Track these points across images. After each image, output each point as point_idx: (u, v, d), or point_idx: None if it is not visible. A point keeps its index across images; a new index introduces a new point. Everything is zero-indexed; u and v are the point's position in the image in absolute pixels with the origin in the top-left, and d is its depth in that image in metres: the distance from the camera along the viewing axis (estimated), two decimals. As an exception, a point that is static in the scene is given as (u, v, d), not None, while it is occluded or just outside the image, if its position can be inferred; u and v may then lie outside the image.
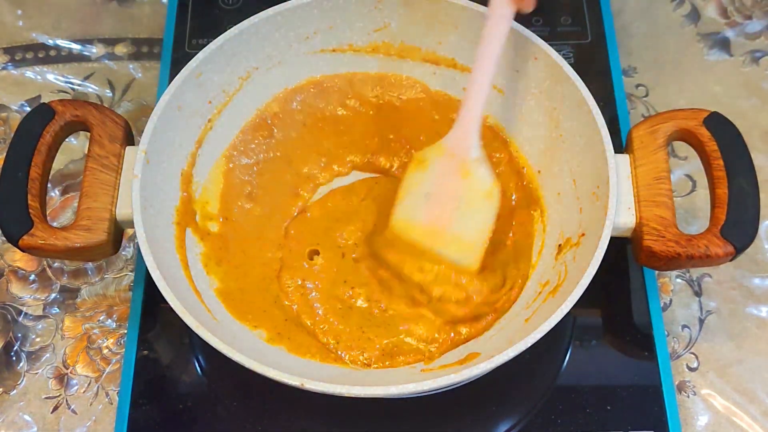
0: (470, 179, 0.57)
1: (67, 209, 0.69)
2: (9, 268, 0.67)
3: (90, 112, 0.58)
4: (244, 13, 0.62)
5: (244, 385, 0.59)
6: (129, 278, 0.65)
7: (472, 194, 0.58)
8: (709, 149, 0.55)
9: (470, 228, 0.58)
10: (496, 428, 0.58)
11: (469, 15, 0.61)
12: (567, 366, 0.60)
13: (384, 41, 0.65)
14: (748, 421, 0.60)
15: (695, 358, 0.62)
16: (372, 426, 0.58)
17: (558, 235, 0.59)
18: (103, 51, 0.77)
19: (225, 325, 0.56)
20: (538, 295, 0.57)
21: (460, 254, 0.58)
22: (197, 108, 0.61)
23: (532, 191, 0.63)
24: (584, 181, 0.58)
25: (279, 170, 0.65)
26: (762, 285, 0.65)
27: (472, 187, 0.57)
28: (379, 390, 0.49)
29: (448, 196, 0.58)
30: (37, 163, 0.55)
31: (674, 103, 0.73)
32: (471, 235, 0.58)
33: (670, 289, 0.65)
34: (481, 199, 0.58)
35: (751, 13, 0.78)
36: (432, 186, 0.58)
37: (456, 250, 0.57)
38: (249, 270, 0.61)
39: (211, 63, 0.60)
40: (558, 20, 0.74)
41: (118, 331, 0.64)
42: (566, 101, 0.59)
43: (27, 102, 0.75)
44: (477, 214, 0.58)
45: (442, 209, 0.58)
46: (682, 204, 0.68)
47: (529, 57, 0.60)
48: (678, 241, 0.53)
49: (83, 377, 0.62)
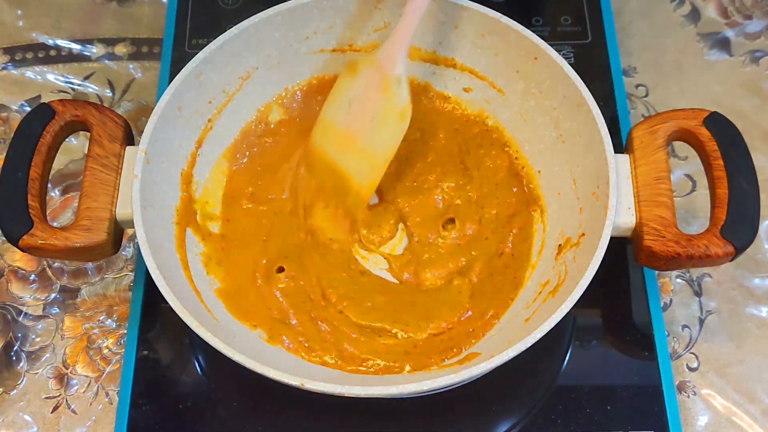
0: (388, 94, 0.59)
1: (67, 209, 0.69)
2: (9, 268, 0.67)
3: (90, 112, 0.58)
4: (244, 13, 0.62)
5: (244, 385, 0.59)
6: (129, 278, 0.65)
7: (387, 110, 0.59)
8: (709, 149, 0.55)
9: (378, 143, 0.60)
10: (496, 428, 0.58)
11: (469, 15, 0.61)
12: (567, 366, 0.60)
13: (384, 41, 0.65)
14: (748, 421, 0.60)
15: (695, 358, 0.62)
16: (372, 426, 0.58)
17: (558, 235, 0.59)
18: (103, 51, 0.77)
19: (225, 325, 0.56)
20: (538, 295, 0.57)
21: (362, 167, 0.60)
22: (197, 108, 0.61)
23: (532, 191, 0.62)
24: (584, 181, 0.58)
25: (279, 170, 0.65)
26: (762, 285, 0.65)
27: (389, 103, 0.59)
28: (379, 390, 0.49)
29: (367, 107, 0.60)
30: (37, 163, 0.55)
31: (674, 103, 0.73)
32: (377, 149, 0.60)
33: (670, 289, 0.65)
34: (394, 116, 0.59)
35: (751, 13, 0.78)
36: (355, 94, 0.60)
37: (359, 163, 0.60)
38: (249, 270, 0.60)
39: (211, 63, 0.60)
40: (558, 20, 0.74)
41: (118, 331, 0.64)
42: (566, 101, 0.59)
43: (27, 102, 0.75)
44: (386, 131, 0.60)
45: (359, 118, 0.60)
46: (682, 204, 0.68)
47: (529, 57, 0.60)
48: (678, 241, 0.53)
49: (83, 377, 0.62)
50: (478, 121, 0.65)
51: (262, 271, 0.60)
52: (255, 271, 0.60)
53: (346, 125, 0.60)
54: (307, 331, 0.58)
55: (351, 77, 0.60)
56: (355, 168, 0.61)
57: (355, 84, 0.60)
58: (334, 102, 0.61)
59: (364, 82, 0.60)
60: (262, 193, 0.64)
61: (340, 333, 0.58)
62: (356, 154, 0.60)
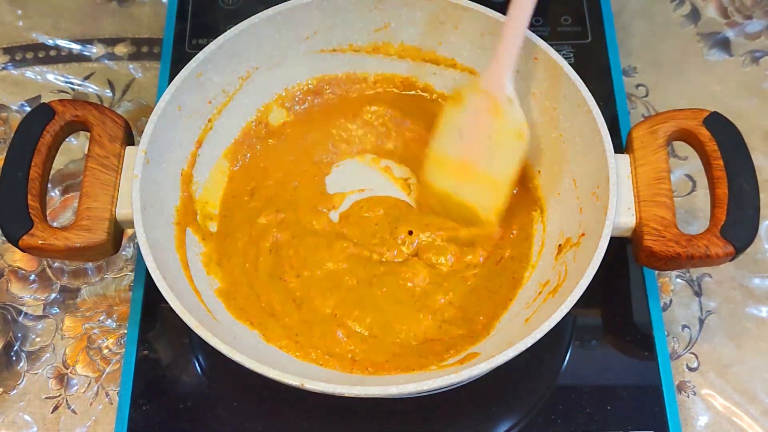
0: (502, 118, 0.58)
1: (67, 209, 0.69)
2: (9, 268, 0.67)
3: (90, 112, 0.58)
4: (244, 13, 0.62)
5: (244, 385, 0.59)
6: (129, 278, 0.65)
7: (503, 133, 0.59)
8: (709, 149, 0.55)
9: (499, 166, 0.59)
10: (496, 428, 0.58)
11: (469, 15, 0.61)
12: (567, 366, 0.60)
13: (384, 41, 0.65)
14: (748, 421, 0.60)
15: (695, 358, 0.62)
16: (372, 426, 0.58)
17: (558, 235, 0.59)
18: (103, 51, 0.77)
19: (225, 325, 0.56)
20: (538, 295, 0.57)
21: (485, 194, 0.59)
22: (197, 108, 0.61)
23: (532, 191, 0.63)
24: (584, 181, 0.58)
25: (280, 170, 0.65)
26: (762, 285, 0.65)
27: (504, 126, 0.58)
28: (379, 390, 0.49)
29: (481, 133, 0.59)
30: (37, 163, 0.55)
31: (674, 103, 0.73)
32: (498, 173, 0.59)
33: (670, 289, 0.65)
34: (511, 138, 0.59)
35: (751, 13, 0.78)
36: (466, 123, 0.59)
37: (482, 190, 0.59)
38: (249, 270, 0.60)
39: (211, 63, 0.60)
40: (558, 20, 0.74)
41: (118, 331, 0.64)
42: (566, 101, 0.59)
43: (27, 102, 0.75)
44: (506, 153, 0.59)
45: (473, 146, 0.59)
46: (682, 204, 0.68)
47: (529, 57, 0.60)
48: (678, 241, 0.53)
49: (83, 377, 0.62)
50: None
51: (261, 270, 0.60)
52: (255, 271, 0.60)
53: (461, 155, 0.59)
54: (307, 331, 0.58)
55: (457, 108, 0.60)
56: (478, 196, 0.60)
57: (464, 113, 0.59)
58: (443, 135, 0.60)
59: (474, 109, 0.59)
60: (262, 192, 0.64)
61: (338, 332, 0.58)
62: (477, 182, 0.59)
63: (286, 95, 0.66)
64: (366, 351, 0.57)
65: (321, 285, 0.60)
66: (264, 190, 0.64)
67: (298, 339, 0.57)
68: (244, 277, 0.60)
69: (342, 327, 0.58)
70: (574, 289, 0.50)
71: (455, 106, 0.60)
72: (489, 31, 0.61)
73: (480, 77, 0.59)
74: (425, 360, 0.56)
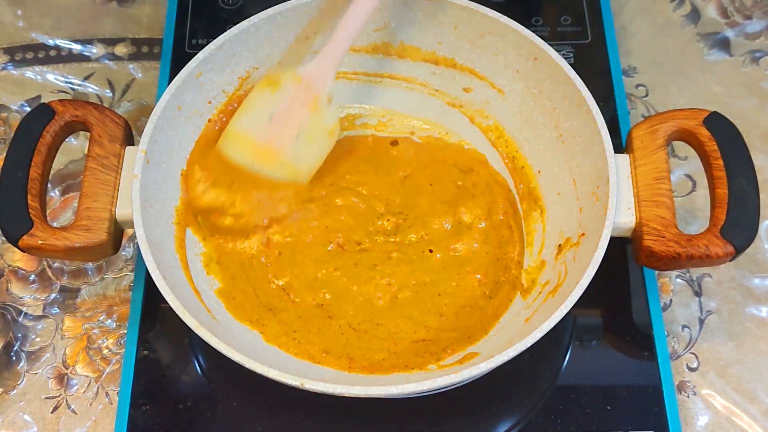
0: (317, 113, 0.59)
1: (67, 209, 0.69)
2: (9, 268, 0.67)
3: (90, 112, 0.58)
4: (244, 13, 0.62)
5: (244, 385, 0.59)
6: (129, 278, 0.65)
7: (316, 127, 0.60)
8: (709, 149, 0.55)
9: (305, 156, 0.60)
10: (496, 428, 0.58)
11: (469, 15, 0.61)
12: (567, 366, 0.60)
13: (384, 41, 0.65)
14: (748, 421, 0.60)
15: (695, 358, 0.62)
16: (372, 426, 0.58)
17: (558, 235, 0.59)
18: (103, 51, 0.77)
19: (225, 325, 0.56)
20: (538, 295, 0.57)
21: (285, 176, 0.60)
22: (197, 108, 0.61)
23: (532, 191, 0.63)
24: (584, 181, 0.58)
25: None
26: (762, 285, 0.65)
27: (318, 121, 0.59)
28: (379, 390, 0.49)
29: (293, 122, 0.59)
30: (37, 163, 0.55)
31: (674, 103, 0.73)
32: (304, 163, 0.60)
33: (670, 289, 0.65)
34: (323, 133, 0.60)
35: (751, 13, 0.78)
36: (278, 108, 0.59)
37: (281, 173, 0.59)
38: (249, 270, 0.60)
39: (211, 63, 0.60)
40: (558, 20, 0.74)
41: (118, 331, 0.64)
42: (566, 101, 0.59)
43: (27, 102, 0.75)
44: (315, 146, 0.60)
45: (282, 132, 0.59)
46: (682, 204, 0.68)
47: (529, 57, 0.60)
48: (678, 241, 0.53)
49: (83, 377, 0.62)
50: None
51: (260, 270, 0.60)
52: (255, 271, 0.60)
53: (267, 138, 0.59)
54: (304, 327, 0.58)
55: (271, 90, 0.59)
56: (278, 176, 0.60)
57: (277, 98, 0.59)
58: (250, 113, 0.60)
59: (289, 98, 0.59)
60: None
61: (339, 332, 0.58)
62: (279, 166, 0.59)
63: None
64: (362, 348, 0.57)
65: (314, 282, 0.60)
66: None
67: (296, 336, 0.58)
68: (244, 277, 0.60)
69: (337, 323, 0.58)
70: (574, 289, 0.50)
71: (269, 89, 0.60)
72: (489, 31, 0.61)
73: (301, 69, 0.59)
74: (422, 359, 0.56)
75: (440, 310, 0.59)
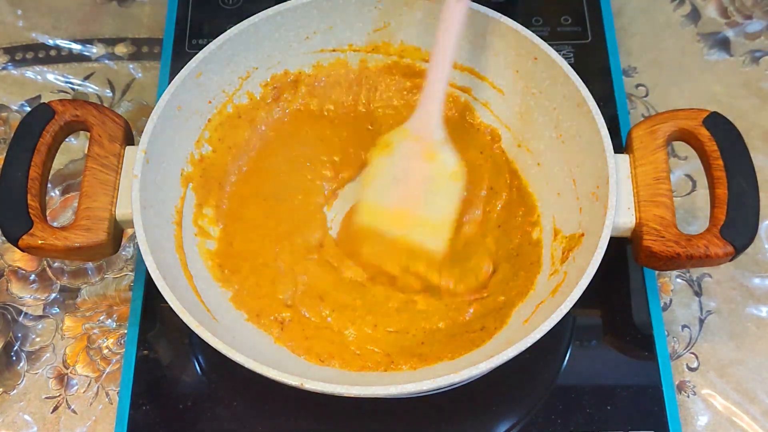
0: (436, 161, 0.58)
1: (67, 209, 0.69)
2: (9, 268, 0.67)
3: (90, 112, 0.58)
4: (244, 13, 0.62)
5: (244, 385, 0.59)
6: (129, 278, 0.65)
7: (439, 176, 0.58)
8: (708, 149, 0.55)
9: (438, 209, 0.59)
10: (496, 428, 0.58)
11: (469, 15, 0.61)
12: (567, 366, 0.60)
13: (384, 41, 0.65)
14: (747, 421, 0.60)
15: (695, 358, 0.62)
16: (372, 426, 0.58)
17: (558, 235, 0.59)
18: (103, 51, 0.77)
19: (225, 325, 0.56)
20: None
21: (429, 236, 0.58)
22: (197, 108, 0.61)
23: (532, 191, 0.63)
24: (584, 181, 0.58)
25: (280, 170, 0.65)
26: (762, 285, 0.65)
27: (438, 169, 0.58)
28: (379, 390, 0.49)
29: (416, 178, 0.59)
30: (36, 163, 0.55)
31: (674, 103, 0.73)
32: (438, 216, 0.59)
33: (670, 289, 0.65)
34: (447, 180, 0.59)
35: (751, 13, 0.78)
36: (398, 170, 0.59)
37: (424, 233, 0.58)
38: (249, 270, 0.60)
39: (211, 63, 0.60)
40: (558, 20, 0.74)
41: (118, 331, 0.64)
42: (566, 101, 0.59)
43: (27, 102, 0.75)
44: (444, 196, 0.59)
45: (409, 192, 0.59)
46: (682, 204, 0.68)
47: (529, 57, 0.60)
48: (678, 241, 0.53)
49: (83, 377, 0.62)
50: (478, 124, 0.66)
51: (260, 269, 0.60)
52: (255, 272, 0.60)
53: (398, 204, 0.58)
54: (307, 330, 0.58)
55: (386, 156, 0.59)
56: (420, 237, 0.58)
57: (394, 160, 0.59)
58: (374, 183, 0.59)
59: (405, 156, 0.59)
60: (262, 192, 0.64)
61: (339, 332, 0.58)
62: (418, 227, 0.58)
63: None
64: (362, 348, 0.57)
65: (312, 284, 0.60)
66: (264, 189, 0.64)
67: (296, 336, 0.58)
68: (244, 277, 0.60)
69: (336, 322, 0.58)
70: (574, 289, 0.50)
71: (384, 155, 0.59)
72: (489, 31, 0.61)
73: (408, 124, 0.59)
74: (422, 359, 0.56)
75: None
